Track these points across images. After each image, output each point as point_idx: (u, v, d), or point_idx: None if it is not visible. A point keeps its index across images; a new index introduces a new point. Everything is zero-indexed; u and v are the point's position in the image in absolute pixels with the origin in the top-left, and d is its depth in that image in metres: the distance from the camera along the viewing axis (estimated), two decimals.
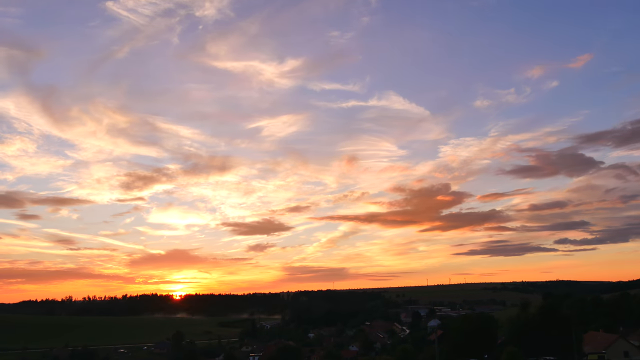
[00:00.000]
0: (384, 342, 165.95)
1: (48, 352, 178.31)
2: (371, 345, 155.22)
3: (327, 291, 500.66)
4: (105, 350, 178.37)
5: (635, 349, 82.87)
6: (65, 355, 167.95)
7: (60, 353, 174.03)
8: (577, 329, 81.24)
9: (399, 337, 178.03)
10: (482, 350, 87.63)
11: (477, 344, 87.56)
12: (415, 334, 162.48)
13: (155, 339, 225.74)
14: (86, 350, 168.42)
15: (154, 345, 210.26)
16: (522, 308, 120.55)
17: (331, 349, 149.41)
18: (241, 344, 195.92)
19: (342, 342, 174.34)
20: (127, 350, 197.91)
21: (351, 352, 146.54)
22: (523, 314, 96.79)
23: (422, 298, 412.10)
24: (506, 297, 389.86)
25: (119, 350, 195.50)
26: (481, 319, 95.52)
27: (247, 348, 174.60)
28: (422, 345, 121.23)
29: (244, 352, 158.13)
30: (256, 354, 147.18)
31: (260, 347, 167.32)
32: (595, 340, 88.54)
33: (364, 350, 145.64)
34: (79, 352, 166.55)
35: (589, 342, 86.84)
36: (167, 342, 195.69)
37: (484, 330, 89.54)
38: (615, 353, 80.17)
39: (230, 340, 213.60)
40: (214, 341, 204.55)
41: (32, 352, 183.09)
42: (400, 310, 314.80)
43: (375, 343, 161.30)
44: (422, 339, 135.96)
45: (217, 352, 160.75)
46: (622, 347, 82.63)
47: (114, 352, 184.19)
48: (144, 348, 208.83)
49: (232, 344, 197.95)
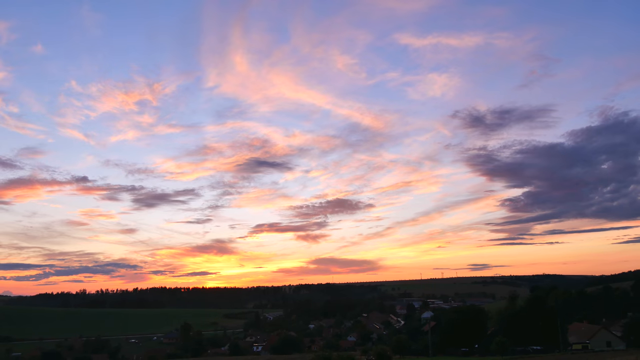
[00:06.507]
0: (380, 333, 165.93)
1: (63, 342, 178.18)
2: (368, 335, 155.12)
3: (326, 284, 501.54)
4: (117, 340, 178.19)
5: (617, 339, 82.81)
6: (79, 345, 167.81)
7: (74, 343, 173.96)
8: (563, 320, 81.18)
9: (394, 327, 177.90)
10: (473, 340, 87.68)
11: (468, 334, 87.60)
12: (409, 325, 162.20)
13: (164, 330, 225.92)
14: (99, 340, 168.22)
15: (163, 335, 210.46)
16: (511, 300, 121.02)
17: (330, 339, 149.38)
18: (245, 335, 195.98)
19: (340, 333, 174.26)
20: (138, 341, 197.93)
21: (349, 342, 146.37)
22: (511, 306, 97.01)
23: (415, 291, 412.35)
24: (495, 290, 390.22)
25: (130, 341, 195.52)
26: (472, 310, 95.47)
27: (251, 338, 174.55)
28: (416, 335, 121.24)
29: (248, 342, 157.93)
30: (259, 344, 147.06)
31: (263, 337, 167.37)
32: (580, 330, 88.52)
33: (361, 341, 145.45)
34: (92, 342, 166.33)
35: (574, 332, 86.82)
36: (175, 333, 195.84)
37: (474, 321, 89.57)
38: (599, 343, 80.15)
39: (235, 331, 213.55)
40: (219, 332, 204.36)
41: (47, 342, 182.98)
42: (396, 303, 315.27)
43: (372, 333, 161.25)
44: (416, 329, 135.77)
45: (222, 342, 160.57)
46: (605, 337, 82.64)
47: (125, 342, 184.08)
48: (154, 338, 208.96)
49: (237, 335, 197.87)
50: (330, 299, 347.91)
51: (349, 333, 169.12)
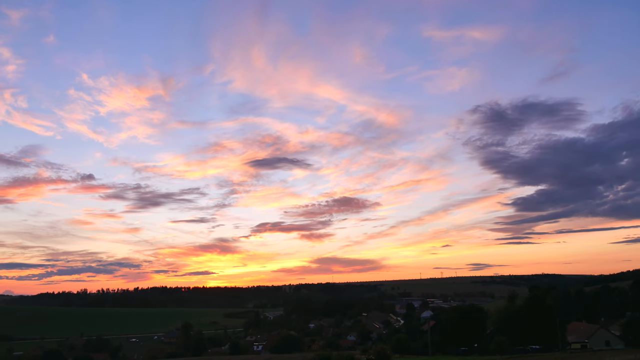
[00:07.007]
0: (380, 332, 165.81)
1: (64, 342, 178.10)
2: (368, 334, 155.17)
3: (326, 284, 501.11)
4: (118, 340, 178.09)
5: (616, 338, 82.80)
6: (80, 344, 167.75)
7: (75, 342, 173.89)
8: (562, 320, 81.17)
9: (394, 327, 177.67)
10: (472, 339, 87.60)
11: (467, 334, 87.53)
12: (409, 324, 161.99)
13: (165, 329, 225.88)
14: (100, 339, 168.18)
15: (164, 334, 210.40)
16: (510, 300, 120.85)
17: (330, 338, 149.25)
18: (246, 334, 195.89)
19: (340, 332, 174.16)
20: (139, 340, 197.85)
21: (349, 341, 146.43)
22: (510, 305, 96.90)
23: (415, 291, 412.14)
24: (495, 290, 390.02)
25: (130, 340, 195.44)
26: (471, 310, 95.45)
27: (251, 337, 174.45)
28: (415, 334, 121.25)
29: (248, 342, 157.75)
30: (260, 343, 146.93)
31: (263, 336, 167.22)
32: (579, 330, 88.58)
33: (361, 340, 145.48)
34: (93, 342, 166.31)
35: (573, 332, 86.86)
36: (176, 332, 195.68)
37: (473, 320, 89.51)
38: (597, 342, 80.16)
39: (235, 330, 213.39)
40: (220, 331, 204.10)
41: (49, 341, 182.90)
42: (395, 302, 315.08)
43: (372, 333, 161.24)
44: (415, 329, 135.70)
45: (223, 341, 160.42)
46: (604, 337, 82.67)
47: (126, 342, 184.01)
48: (155, 337, 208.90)
49: (237, 334, 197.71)
50: (330, 298, 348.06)
51: (348, 332, 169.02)
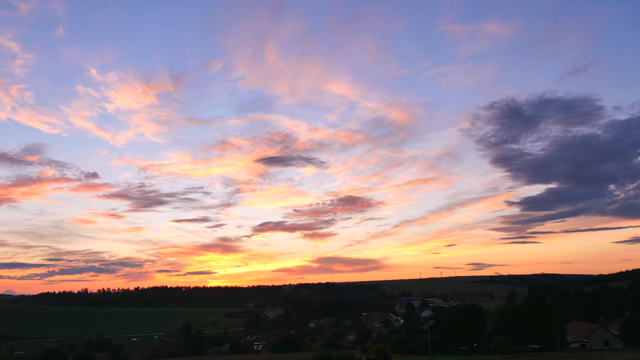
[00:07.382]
0: (380, 332, 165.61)
1: (65, 341, 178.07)
2: (368, 334, 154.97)
3: (326, 284, 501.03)
4: (119, 339, 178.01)
5: (615, 337, 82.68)
6: (81, 343, 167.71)
7: (76, 342, 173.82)
8: (561, 319, 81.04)
9: (394, 326, 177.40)
10: (472, 339, 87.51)
11: (467, 333, 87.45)
12: (409, 323, 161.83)
13: (165, 329, 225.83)
14: (100, 339, 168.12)
15: (164, 334, 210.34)
16: (509, 300, 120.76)
17: (330, 338, 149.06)
18: (246, 333, 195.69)
19: (340, 332, 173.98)
20: (139, 339, 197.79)
21: (349, 341, 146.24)
22: (510, 305, 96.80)
23: (415, 290, 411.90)
24: (494, 290, 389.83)
25: (131, 339, 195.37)
26: (471, 310, 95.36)
27: (251, 337, 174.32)
28: (415, 334, 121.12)
29: (248, 341, 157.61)
30: (260, 343, 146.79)
31: (263, 336, 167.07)
32: (578, 329, 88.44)
33: (361, 339, 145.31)
34: (93, 341, 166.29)
35: (572, 331, 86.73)
36: (176, 331, 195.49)
37: (473, 320, 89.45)
38: (597, 342, 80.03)
39: (235, 330, 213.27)
40: (220, 330, 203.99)
41: (50, 341, 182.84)
42: (395, 302, 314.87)
43: (372, 332, 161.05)
44: (415, 328, 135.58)
45: (223, 341, 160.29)
46: (603, 337, 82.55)
47: (127, 341, 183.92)
48: (155, 337, 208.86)
49: (238, 333, 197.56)
50: (330, 298, 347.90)
51: (348, 332, 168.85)
